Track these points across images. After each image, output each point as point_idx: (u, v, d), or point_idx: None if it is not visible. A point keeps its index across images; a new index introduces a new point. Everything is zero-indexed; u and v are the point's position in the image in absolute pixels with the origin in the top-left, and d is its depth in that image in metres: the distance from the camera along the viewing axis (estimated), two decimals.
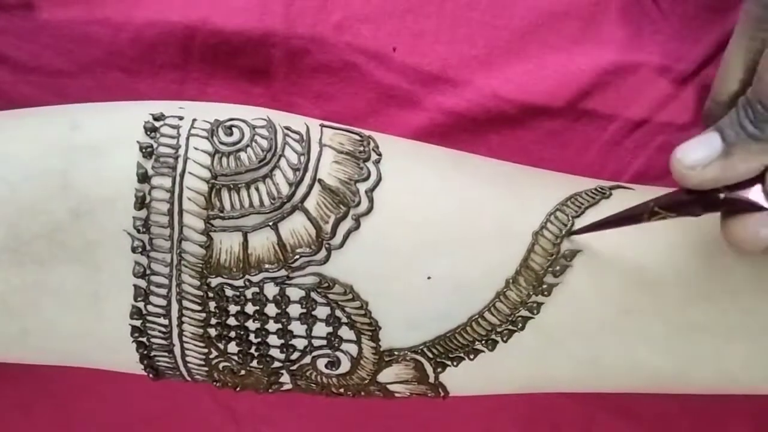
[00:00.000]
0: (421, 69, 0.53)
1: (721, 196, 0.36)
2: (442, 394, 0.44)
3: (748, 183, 0.36)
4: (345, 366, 0.42)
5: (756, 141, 0.35)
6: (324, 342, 0.41)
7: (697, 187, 0.37)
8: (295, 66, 0.52)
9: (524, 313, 0.41)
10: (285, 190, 0.40)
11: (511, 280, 0.41)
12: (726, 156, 0.35)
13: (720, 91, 0.43)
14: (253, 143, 0.40)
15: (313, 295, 0.40)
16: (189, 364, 0.42)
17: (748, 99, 0.36)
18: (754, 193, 0.36)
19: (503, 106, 0.52)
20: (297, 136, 0.41)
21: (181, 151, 0.40)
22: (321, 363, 0.42)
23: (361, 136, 0.43)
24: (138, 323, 0.41)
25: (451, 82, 0.53)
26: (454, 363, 0.42)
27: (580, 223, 0.41)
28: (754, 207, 0.35)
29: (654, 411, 0.54)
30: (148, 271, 0.40)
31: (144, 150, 0.39)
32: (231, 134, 0.40)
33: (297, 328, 0.41)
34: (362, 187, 0.41)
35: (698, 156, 0.35)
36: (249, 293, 0.40)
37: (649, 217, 0.38)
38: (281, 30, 0.52)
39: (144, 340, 0.41)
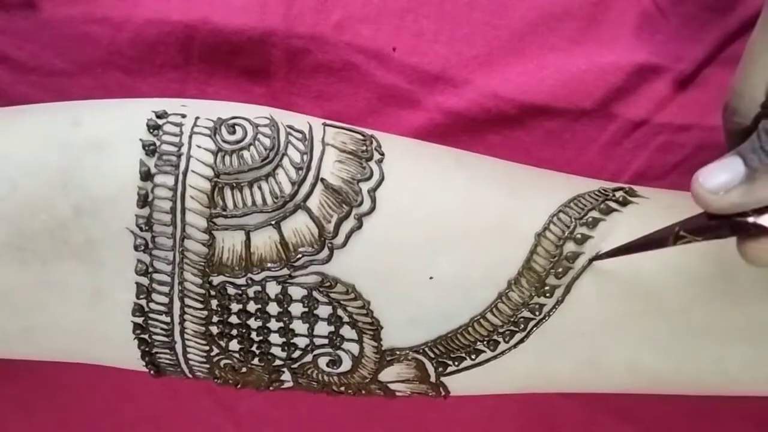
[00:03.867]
0: (421, 69, 0.53)
1: (750, 220, 0.35)
2: (443, 393, 0.44)
3: None
4: (346, 365, 0.42)
5: None
6: (325, 341, 0.41)
7: (720, 212, 0.36)
8: (295, 66, 0.53)
9: (526, 314, 0.41)
10: (288, 189, 0.40)
11: (513, 281, 0.41)
12: (749, 181, 0.34)
13: (742, 95, 0.40)
14: (256, 142, 0.40)
15: (315, 294, 0.40)
16: (190, 362, 0.42)
17: None
18: None
19: (503, 106, 0.52)
20: (300, 135, 0.41)
21: (184, 149, 0.40)
22: (322, 361, 0.42)
23: (363, 136, 0.43)
24: (140, 320, 0.41)
25: (450, 82, 0.53)
26: (456, 363, 0.42)
27: (589, 233, 0.41)
28: None
29: (654, 412, 0.54)
30: (150, 269, 0.40)
31: (147, 148, 0.39)
32: (234, 132, 0.40)
33: (299, 326, 0.41)
34: (365, 187, 0.41)
35: (721, 180, 0.35)
36: (251, 291, 0.40)
37: (675, 241, 0.37)
38: (281, 30, 0.52)
39: (146, 337, 0.41)
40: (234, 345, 0.42)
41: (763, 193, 0.34)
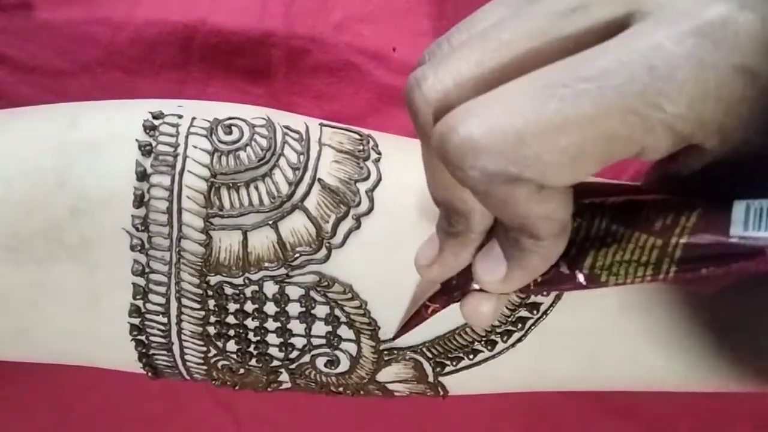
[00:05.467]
0: None
1: (454, 282, 0.37)
2: (442, 393, 0.44)
3: None
4: (344, 365, 0.42)
5: (453, 236, 0.35)
6: (323, 341, 0.41)
7: (434, 281, 0.38)
8: (295, 66, 0.53)
9: (524, 313, 0.41)
10: (284, 189, 0.40)
11: None
12: (440, 254, 0.36)
13: None
14: (253, 142, 0.40)
15: (313, 293, 0.40)
16: (188, 363, 0.42)
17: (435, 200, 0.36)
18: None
19: None
20: (296, 135, 0.41)
21: (180, 150, 0.40)
22: (320, 362, 0.42)
23: (360, 135, 0.43)
24: (137, 321, 0.41)
25: None
26: (454, 363, 0.42)
27: None
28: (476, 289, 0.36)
29: (654, 411, 0.54)
30: (146, 270, 0.40)
31: (143, 148, 0.39)
32: (230, 133, 0.40)
33: (296, 326, 0.41)
34: (362, 187, 0.41)
35: (426, 256, 0.36)
36: (248, 291, 0.40)
37: (428, 311, 0.39)
38: (281, 30, 0.52)
39: (143, 338, 0.41)
40: (231, 346, 0.42)
41: (452, 262, 0.35)
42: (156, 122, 0.40)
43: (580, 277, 0.33)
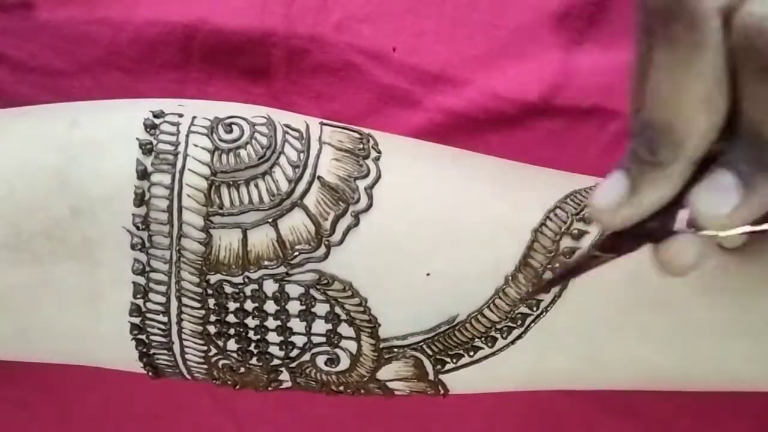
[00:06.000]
0: (421, 69, 0.53)
1: (650, 226, 0.34)
2: (442, 391, 0.44)
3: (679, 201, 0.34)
4: (344, 363, 0.42)
5: (654, 168, 0.33)
6: (323, 339, 0.41)
7: (618, 228, 0.35)
8: (295, 66, 0.52)
9: (524, 310, 0.41)
10: (284, 187, 0.40)
11: (510, 277, 0.41)
12: (633, 192, 0.33)
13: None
14: (253, 140, 0.40)
15: (313, 291, 0.40)
16: (188, 362, 0.42)
17: (639, 121, 0.33)
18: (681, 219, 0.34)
19: (503, 106, 0.52)
20: (296, 134, 0.41)
21: (181, 148, 0.40)
22: (320, 360, 0.42)
23: (360, 134, 0.43)
24: (137, 320, 0.41)
25: (450, 82, 0.53)
26: (454, 360, 0.42)
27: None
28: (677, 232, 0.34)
29: (654, 411, 0.54)
30: (147, 268, 0.40)
31: (143, 147, 0.39)
32: (231, 131, 0.40)
33: (296, 325, 0.41)
34: (362, 184, 0.41)
35: (608, 199, 0.34)
36: (248, 290, 0.40)
37: (593, 262, 0.37)
38: (281, 30, 0.52)
39: (143, 337, 0.41)
40: (232, 344, 0.42)
41: (648, 200, 0.33)
42: (157, 121, 0.40)
43: None
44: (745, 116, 0.31)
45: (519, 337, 0.41)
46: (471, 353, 0.42)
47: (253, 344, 0.41)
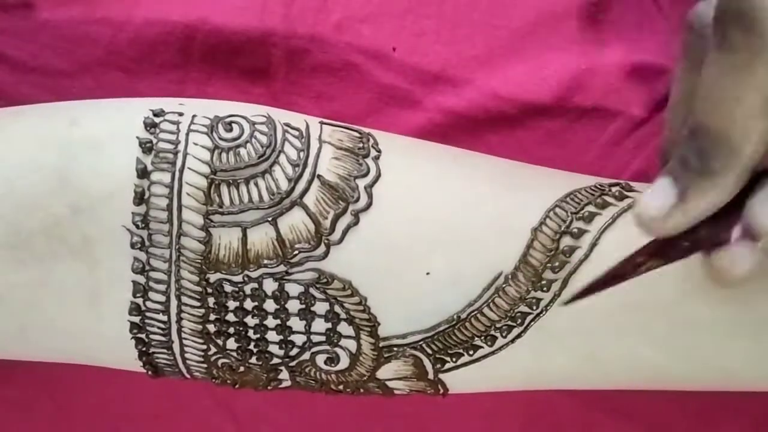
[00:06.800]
0: (421, 69, 0.53)
1: (701, 234, 0.34)
2: (442, 391, 0.44)
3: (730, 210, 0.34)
4: (344, 362, 0.42)
5: (703, 177, 0.33)
6: (323, 338, 0.41)
7: (666, 236, 0.35)
8: (295, 66, 0.53)
9: (524, 308, 0.41)
10: (284, 185, 0.40)
11: (509, 276, 0.41)
12: (682, 200, 0.33)
13: (671, 126, 0.40)
14: (253, 139, 0.40)
15: (312, 290, 0.40)
16: (188, 361, 0.42)
17: (690, 129, 0.33)
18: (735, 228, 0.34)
19: (503, 106, 0.52)
20: (296, 133, 0.41)
21: (181, 147, 0.40)
22: (320, 359, 0.42)
23: (360, 133, 0.43)
24: (137, 319, 0.41)
25: (450, 82, 0.53)
26: (453, 359, 0.42)
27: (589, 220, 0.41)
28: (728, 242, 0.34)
29: (654, 412, 0.54)
30: (147, 267, 0.40)
31: (143, 145, 0.39)
32: (231, 130, 0.40)
33: (296, 323, 0.41)
34: (361, 183, 0.41)
35: (656, 206, 0.34)
36: (248, 289, 0.40)
37: (638, 270, 0.37)
38: (281, 30, 0.52)
39: (143, 336, 0.41)
40: (231, 343, 0.42)
41: (698, 209, 0.33)
42: (157, 120, 0.40)
43: None
44: None
45: (519, 336, 0.41)
46: (471, 352, 0.42)
47: (252, 343, 0.41)
